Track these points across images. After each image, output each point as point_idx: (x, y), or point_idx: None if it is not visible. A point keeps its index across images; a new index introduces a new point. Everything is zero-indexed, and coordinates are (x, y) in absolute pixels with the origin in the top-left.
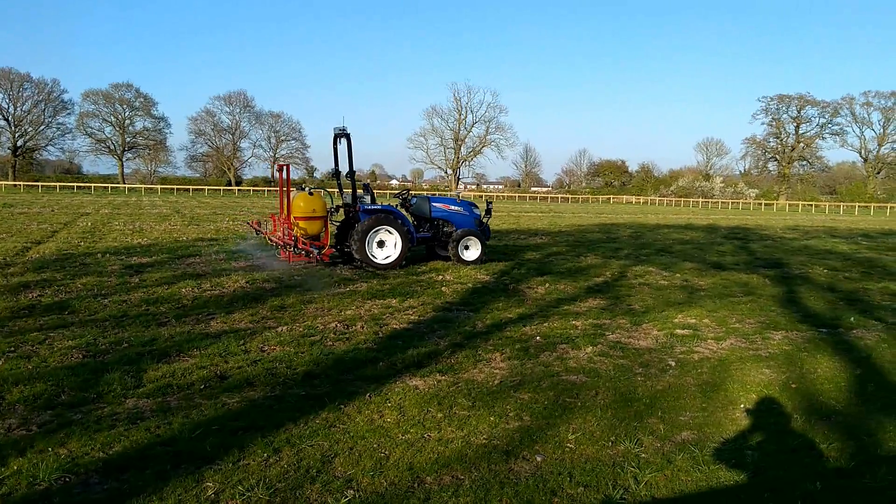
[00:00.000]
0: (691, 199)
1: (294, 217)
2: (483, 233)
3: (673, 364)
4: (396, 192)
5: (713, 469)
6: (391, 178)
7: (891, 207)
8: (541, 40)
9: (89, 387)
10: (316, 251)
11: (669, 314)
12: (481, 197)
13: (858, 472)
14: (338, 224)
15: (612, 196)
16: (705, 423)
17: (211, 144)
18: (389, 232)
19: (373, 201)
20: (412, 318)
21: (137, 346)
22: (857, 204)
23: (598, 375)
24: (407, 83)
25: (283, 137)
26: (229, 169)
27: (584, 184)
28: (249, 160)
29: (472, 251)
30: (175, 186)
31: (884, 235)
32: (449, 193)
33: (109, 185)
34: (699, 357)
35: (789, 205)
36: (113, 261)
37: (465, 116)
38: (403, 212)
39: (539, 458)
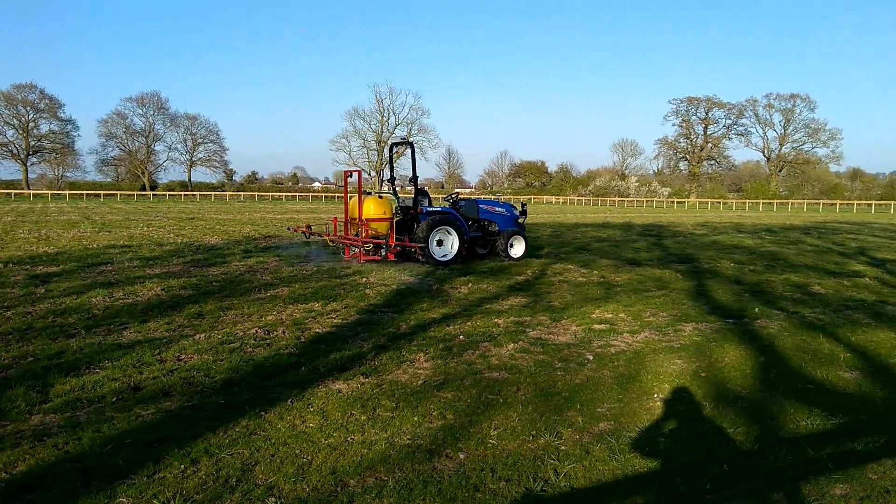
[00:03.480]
0: (608, 198)
1: (366, 219)
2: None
3: (591, 358)
4: (444, 196)
5: (629, 457)
6: (314, 180)
7: (792, 204)
8: (461, 43)
9: None
10: (384, 250)
11: (587, 310)
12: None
13: (762, 454)
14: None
15: (532, 196)
16: (621, 414)
17: (123, 148)
18: (448, 232)
19: (430, 204)
20: (335, 321)
21: (44, 360)
22: (762, 201)
23: (520, 372)
24: (328, 84)
25: (200, 140)
26: (143, 173)
27: (505, 184)
28: (165, 164)
29: (517, 248)
30: (85, 192)
31: (785, 230)
32: (481, 196)
33: (12, 191)
34: (615, 350)
35: (699, 202)
36: (16, 271)
37: (388, 118)
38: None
39: (462, 456)
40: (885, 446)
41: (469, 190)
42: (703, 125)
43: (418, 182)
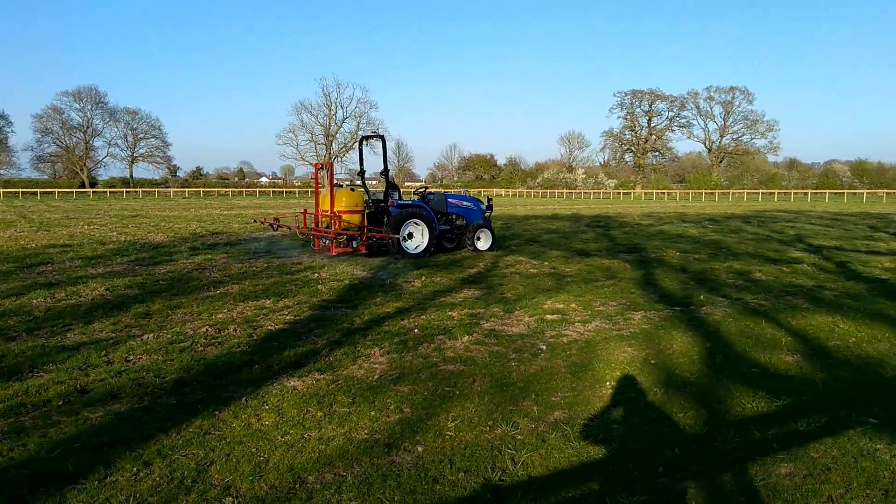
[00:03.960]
0: (556, 190)
1: (338, 211)
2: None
3: (544, 348)
4: (413, 189)
5: (583, 445)
6: (261, 175)
7: (733, 193)
8: (407, 36)
9: None
10: (355, 241)
11: (539, 301)
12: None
13: (711, 437)
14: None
15: (482, 189)
16: (575, 402)
17: (60, 144)
18: (417, 224)
19: (400, 198)
20: (288, 318)
21: None
22: (704, 191)
23: (475, 363)
24: (273, 77)
25: (141, 135)
26: (82, 170)
27: (455, 178)
28: (104, 160)
29: (484, 241)
30: (20, 190)
31: (727, 219)
32: (458, 191)
33: None
34: (568, 340)
35: (645, 193)
36: None
37: (335, 112)
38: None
39: (420, 449)
40: (825, 425)
41: (420, 184)
42: (647, 117)
43: (389, 175)
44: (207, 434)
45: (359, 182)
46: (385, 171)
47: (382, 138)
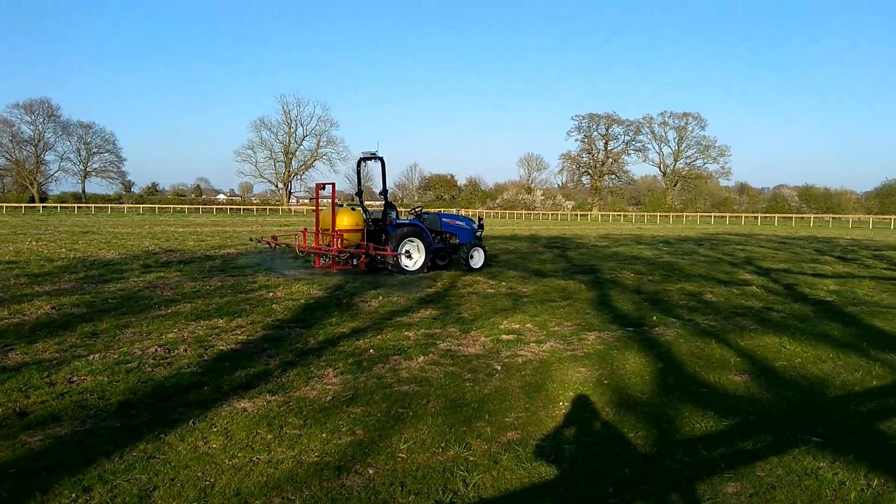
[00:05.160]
0: (515, 211)
1: (339, 230)
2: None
3: (499, 368)
4: (409, 209)
5: (535, 465)
6: (218, 192)
7: (686, 216)
8: (370, 56)
9: None
10: (355, 259)
11: (496, 321)
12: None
13: (660, 457)
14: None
15: (442, 209)
16: (529, 423)
17: (9, 157)
18: (415, 243)
19: (397, 217)
20: (241, 337)
21: None
22: (659, 213)
23: (430, 384)
24: (232, 94)
25: (94, 150)
26: (32, 184)
27: (416, 197)
28: (56, 174)
29: (477, 259)
30: None
31: (680, 241)
32: (450, 211)
33: None
34: (523, 360)
35: (601, 215)
36: None
37: (295, 129)
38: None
39: (371, 471)
40: (771, 444)
41: (379, 203)
42: (604, 141)
43: (387, 195)
44: (152, 458)
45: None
46: (384, 191)
47: (382, 160)
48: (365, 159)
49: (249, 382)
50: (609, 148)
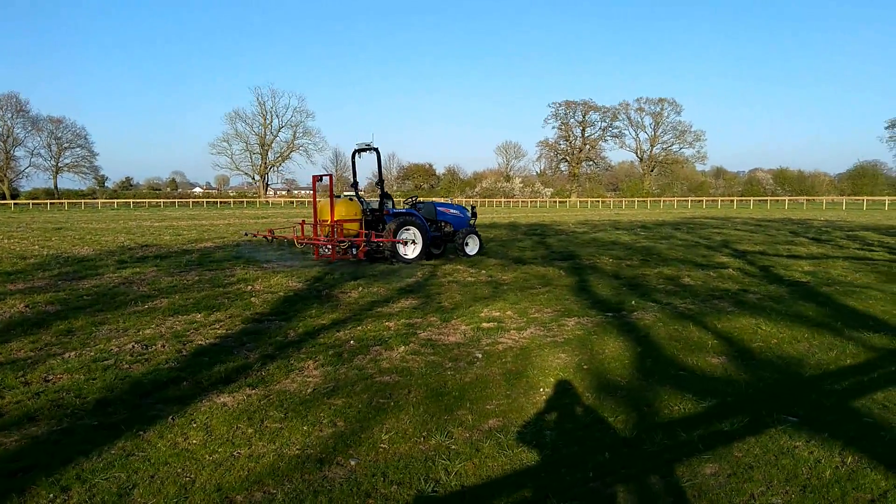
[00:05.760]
0: (495, 199)
1: (337, 220)
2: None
3: (480, 356)
4: (403, 199)
5: (517, 452)
6: (194, 185)
7: (663, 201)
8: (344, 45)
9: None
10: (354, 249)
11: (476, 309)
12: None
13: (640, 440)
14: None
15: (422, 198)
16: (510, 410)
17: None
18: (413, 232)
19: (394, 207)
20: (219, 332)
21: None
22: (636, 199)
23: (411, 374)
24: (206, 85)
25: (66, 145)
26: (2, 181)
27: (394, 187)
28: (27, 171)
29: (472, 246)
30: None
31: (658, 226)
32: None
33: None
34: (503, 347)
35: (580, 201)
36: None
37: (271, 121)
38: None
39: (353, 462)
40: (748, 425)
41: (361, 193)
42: (581, 128)
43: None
44: (130, 455)
45: (349, 192)
46: (380, 182)
47: (377, 151)
48: (360, 151)
49: (229, 377)
50: (586, 135)
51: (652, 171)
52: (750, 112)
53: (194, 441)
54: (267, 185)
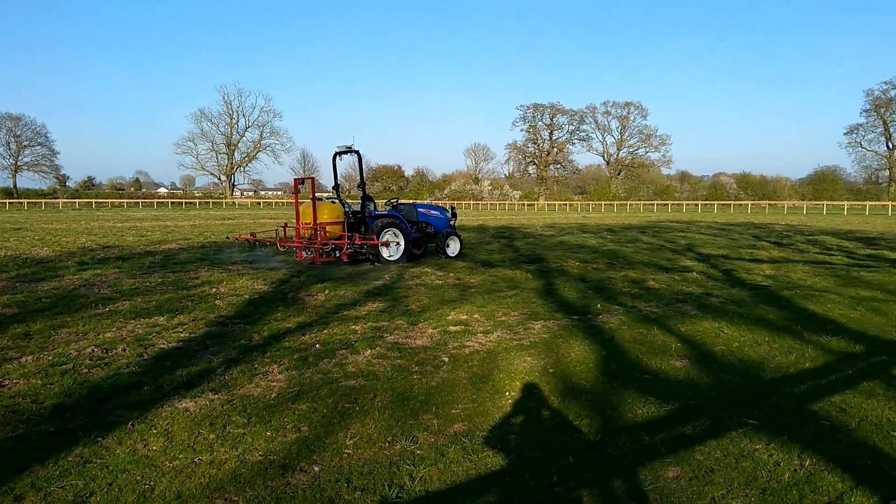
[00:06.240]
0: (463, 202)
1: (320, 223)
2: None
3: (446, 360)
4: (384, 200)
5: (482, 456)
6: (158, 185)
7: (630, 204)
8: (312, 46)
9: None
10: (338, 251)
11: (443, 312)
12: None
13: (604, 444)
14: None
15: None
16: (475, 414)
17: None
18: (395, 233)
19: (375, 209)
20: (182, 335)
21: None
22: (603, 202)
23: (377, 378)
24: (171, 83)
25: (25, 143)
26: None
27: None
28: None
29: (454, 247)
30: None
31: (624, 229)
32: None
33: None
34: (470, 351)
35: (548, 204)
36: None
37: (237, 120)
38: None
39: (317, 468)
40: (709, 428)
41: (327, 194)
42: (549, 130)
43: (365, 188)
44: (88, 462)
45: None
46: (361, 184)
47: (358, 153)
48: (341, 153)
49: (191, 381)
50: (554, 137)
51: (618, 174)
52: (714, 116)
53: (154, 447)
54: (233, 185)
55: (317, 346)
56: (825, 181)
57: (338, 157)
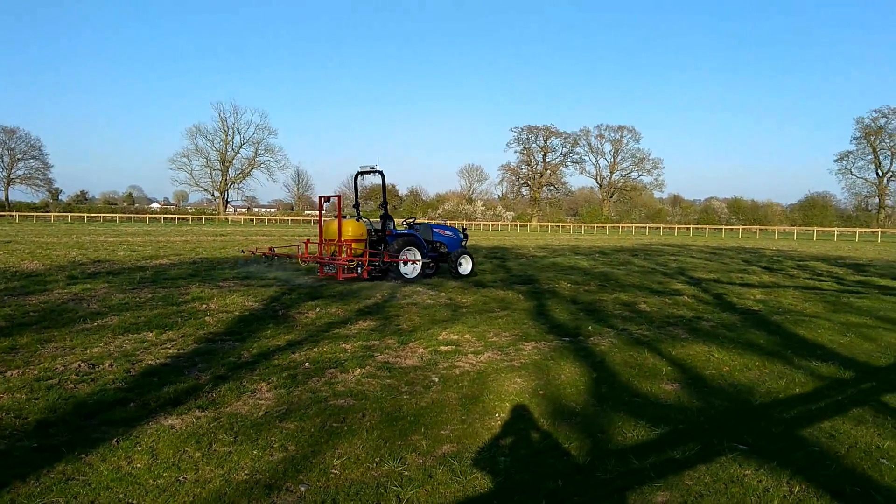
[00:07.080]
0: (457, 222)
1: (345, 239)
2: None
3: (436, 380)
4: (403, 220)
5: (470, 478)
6: (152, 200)
7: (622, 227)
8: (308, 64)
9: None
10: (360, 267)
11: (434, 332)
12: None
13: (593, 467)
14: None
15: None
16: (464, 435)
17: None
18: (413, 252)
19: (395, 228)
20: (171, 351)
21: None
22: (596, 224)
23: (366, 397)
24: (166, 99)
25: (19, 156)
26: None
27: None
28: None
29: (465, 266)
30: None
31: (616, 252)
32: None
33: None
34: (460, 371)
35: (540, 226)
36: None
37: (232, 137)
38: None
39: (303, 489)
40: (699, 453)
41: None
42: (543, 153)
43: (387, 207)
44: (71, 479)
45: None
46: (384, 203)
47: (381, 173)
48: (364, 173)
49: (178, 398)
50: (547, 160)
51: (611, 197)
52: (706, 141)
53: (138, 465)
54: (227, 202)
55: (306, 364)
56: (815, 207)
57: (360, 177)
